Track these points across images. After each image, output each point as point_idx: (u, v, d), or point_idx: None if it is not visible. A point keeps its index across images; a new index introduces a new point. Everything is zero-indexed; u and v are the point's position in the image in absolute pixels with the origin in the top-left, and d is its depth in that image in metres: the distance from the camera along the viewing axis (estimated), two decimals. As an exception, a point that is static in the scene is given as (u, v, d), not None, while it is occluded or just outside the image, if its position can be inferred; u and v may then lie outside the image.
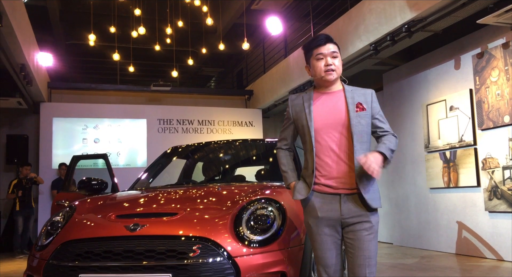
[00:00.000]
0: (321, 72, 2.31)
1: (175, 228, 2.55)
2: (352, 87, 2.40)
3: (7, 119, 9.90)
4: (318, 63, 2.31)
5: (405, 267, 5.55)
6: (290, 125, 2.46)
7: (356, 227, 2.23)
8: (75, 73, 14.32)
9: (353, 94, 2.34)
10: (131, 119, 10.25)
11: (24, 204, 8.37)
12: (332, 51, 2.31)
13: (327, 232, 2.26)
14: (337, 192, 2.25)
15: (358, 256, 2.20)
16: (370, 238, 2.22)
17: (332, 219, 2.25)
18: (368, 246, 2.20)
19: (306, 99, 2.38)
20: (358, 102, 2.31)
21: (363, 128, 2.28)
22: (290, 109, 2.44)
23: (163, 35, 12.22)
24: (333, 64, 2.30)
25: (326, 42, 2.32)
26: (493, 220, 5.89)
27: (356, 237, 2.22)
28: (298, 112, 2.39)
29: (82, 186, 4.08)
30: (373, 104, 2.36)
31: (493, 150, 5.90)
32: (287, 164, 2.48)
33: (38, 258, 2.71)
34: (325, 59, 2.30)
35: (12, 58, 7.07)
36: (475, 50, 6.22)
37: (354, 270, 2.21)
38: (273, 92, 10.25)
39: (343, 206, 2.23)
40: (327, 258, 2.26)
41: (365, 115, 2.31)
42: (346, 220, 2.24)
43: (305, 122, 2.33)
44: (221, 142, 4.67)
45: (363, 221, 2.23)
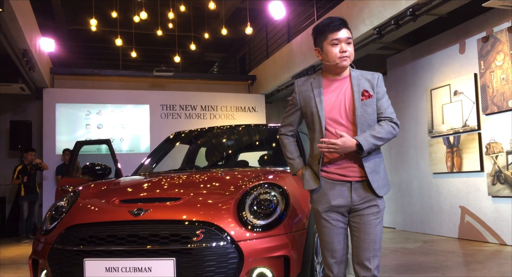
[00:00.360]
0: (335, 59, 2.23)
1: (178, 213, 2.56)
2: (358, 71, 2.34)
3: (11, 105, 9.91)
4: (332, 48, 2.23)
5: (407, 251, 5.58)
6: (296, 112, 2.39)
7: (364, 212, 2.23)
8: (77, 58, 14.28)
9: (359, 80, 2.29)
10: (134, 104, 10.25)
11: (29, 190, 8.43)
12: (347, 37, 2.24)
13: (337, 218, 2.25)
14: (348, 179, 2.24)
15: (364, 239, 2.21)
16: (376, 222, 2.23)
17: (342, 206, 2.24)
18: (374, 230, 2.21)
19: (315, 86, 2.31)
20: (364, 90, 2.26)
21: (370, 117, 2.25)
22: (297, 95, 2.36)
23: (165, 20, 12.13)
24: (347, 51, 2.23)
25: (343, 27, 2.24)
26: (496, 204, 5.89)
27: (363, 221, 2.22)
28: (306, 99, 2.32)
29: (86, 172, 4.10)
30: (378, 89, 2.30)
31: (497, 135, 5.88)
32: (293, 151, 2.42)
33: (43, 242, 2.74)
34: (340, 45, 2.23)
35: (14, 44, 7.05)
36: (480, 34, 6.16)
37: (359, 254, 2.21)
38: (276, 77, 10.21)
39: (354, 193, 2.23)
40: (335, 243, 2.26)
41: (371, 102, 2.26)
42: (355, 206, 2.24)
43: (315, 110, 2.27)
44: (224, 128, 4.67)
45: (371, 205, 2.23)
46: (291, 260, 2.48)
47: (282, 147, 2.47)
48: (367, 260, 2.19)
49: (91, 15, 10.85)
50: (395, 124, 2.28)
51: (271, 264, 2.46)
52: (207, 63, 17.26)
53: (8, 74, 8.45)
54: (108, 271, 2.44)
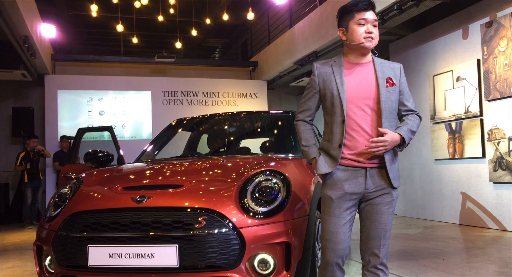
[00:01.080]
0: (360, 38, 2.18)
1: (181, 200, 2.58)
2: (381, 59, 2.32)
3: (12, 92, 9.92)
4: (359, 28, 2.18)
5: (408, 237, 5.62)
6: (315, 95, 2.31)
7: (377, 201, 2.21)
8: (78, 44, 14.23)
9: (382, 67, 2.26)
10: (135, 91, 10.25)
11: (32, 176, 8.47)
12: (374, 19, 2.21)
13: (348, 206, 2.21)
14: (363, 165, 2.19)
15: (374, 228, 2.20)
16: (389, 212, 2.21)
17: (356, 193, 2.20)
18: (386, 219, 2.20)
19: (337, 67, 2.25)
20: (388, 77, 2.23)
21: (392, 104, 2.22)
22: (316, 77, 2.28)
23: (166, 5, 12.04)
24: (373, 32, 2.19)
25: (370, 8, 2.20)
26: (497, 191, 5.91)
27: (375, 210, 2.20)
28: (326, 80, 2.25)
29: (88, 159, 4.11)
30: (402, 79, 2.29)
31: (499, 121, 5.87)
32: (309, 139, 2.34)
33: (47, 229, 2.77)
34: (367, 25, 2.19)
35: (15, 30, 7.02)
36: (483, 19, 6.11)
37: (368, 242, 2.21)
38: (278, 63, 10.16)
39: (369, 180, 2.19)
40: (340, 234, 2.20)
41: (394, 90, 2.23)
42: (369, 194, 2.21)
43: (336, 92, 2.20)
44: (226, 114, 4.67)
45: (384, 194, 2.21)
46: (293, 246, 2.50)
47: (298, 134, 2.39)
48: (376, 248, 2.19)
49: (92, 0, 10.78)
50: (420, 117, 2.30)
51: (272, 250, 2.48)
52: (208, 49, 17.17)
53: (10, 61, 8.44)
54: (112, 257, 2.47)
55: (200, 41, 15.81)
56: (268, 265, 2.48)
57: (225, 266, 2.40)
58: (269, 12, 11.57)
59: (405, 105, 2.28)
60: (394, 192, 2.23)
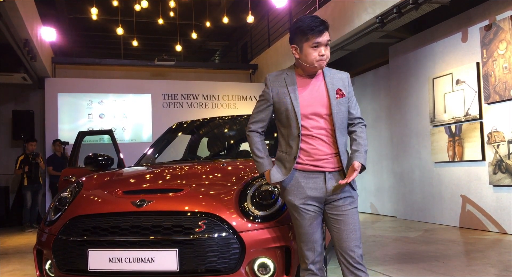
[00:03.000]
0: (313, 61, 2.24)
1: (181, 204, 2.59)
2: (329, 69, 2.37)
3: (13, 95, 9.93)
4: (313, 51, 2.23)
5: (408, 240, 5.62)
6: (269, 107, 2.35)
7: (340, 203, 2.24)
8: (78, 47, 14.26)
9: (332, 79, 2.33)
10: (135, 94, 10.26)
11: (31, 179, 8.46)
12: (327, 40, 2.25)
13: (314, 210, 2.25)
14: (322, 170, 2.25)
15: (345, 230, 2.22)
16: (354, 211, 2.26)
17: (318, 197, 2.24)
18: (353, 219, 2.24)
19: (289, 82, 2.30)
20: (338, 88, 2.30)
21: (343, 115, 2.29)
22: (270, 90, 2.33)
23: (166, 8, 12.08)
24: (325, 54, 2.24)
25: (325, 31, 2.24)
26: (497, 193, 5.91)
27: (341, 212, 2.24)
28: (280, 94, 2.30)
29: (88, 162, 4.12)
30: (349, 89, 2.35)
31: (498, 124, 5.88)
32: (263, 150, 2.37)
33: (47, 233, 2.77)
34: (320, 48, 2.23)
35: (15, 33, 7.04)
36: (483, 22, 6.12)
37: (342, 244, 2.22)
38: (278, 66, 10.18)
39: (328, 184, 2.24)
40: (315, 234, 2.27)
41: (344, 101, 2.30)
42: (330, 197, 2.25)
43: (291, 107, 2.26)
44: (225, 118, 4.68)
45: (346, 196, 2.25)
46: (292, 250, 2.51)
47: (250, 145, 2.39)
48: (351, 250, 2.21)
49: (92, 3, 10.81)
50: (365, 126, 2.40)
51: (272, 254, 2.49)
52: (208, 51, 17.21)
53: (10, 64, 8.45)
54: (112, 261, 2.47)
55: (200, 44, 15.85)
56: (268, 269, 2.49)
57: (225, 270, 2.41)
58: (269, 15, 11.60)
59: (351, 113, 2.35)
60: (354, 192, 2.29)
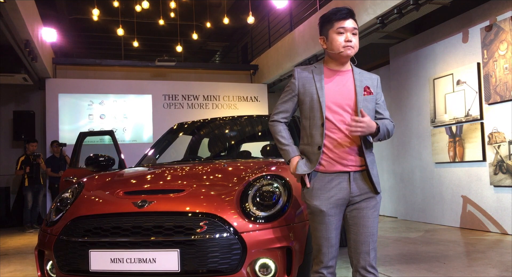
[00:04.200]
0: (339, 47, 2.20)
1: (182, 205, 2.59)
2: (359, 69, 2.34)
3: (13, 96, 9.94)
4: (338, 37, 2.20)
5: (409, 240, 5.61)
6: (294, 98, 2.31)
7: (362, 205, 2.21)
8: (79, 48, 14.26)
9: (361, 76, 2.29)
10: (136, 94, 10.26)
11: (32, 180, 8.47)
12: (353, 27, 2.22)
13: (335, 212, 2.20)
14: (346, 169, 2.20)
15: (361, 233, 2.19)
16: (374, 215, 2.22)
17: (341, 198, 2.19)
18: (372, 223, 2.20)
19: (317, 73, 2.28)
20: (366, 86, 2.26)
21: (369, 113, 2.24)
22: (297, 81, 2.30)
23: (166, 9, 12.08)
24: (352, 40, 2.21)
25: (350, 17, 2.22)
26: (498, 194, 5.91)
27: (361, 214, 2.20)
28: (306, 85, 2.27)
29: (89, 163, 4.12)
30: (378, 90, 2.33)
31: (499, 125, 5.88)
32: (288, 138, 2.31)
33: (48, 234, 2.77)
34: (346, 34, 2.20)
35: (16, 34, 7.05)
36: (483, 23, 6.12)
37: (357, 246, 2.20)
38: (279, 66, 10.18)
39: (353, 185, 2.19)
40: (333, 238, 2.21)
41: (371, 99, 2.27)
42: (354, 198, 2.20)
43: (316, 97, 2.23)
44: (226, 118, 4.68)
45: (369, 198, 2.21)
46: (294, 251, 2.51)
47: (274, 134, 2.33)
48: (365, 253, 2.19)
49: (93, 4, 10.82)
50: (394, 126, 2.35)
51: (273, 255, 2.48)
52: (209, 52, 17.21)
53: (11, 65, 8.46)
54: (113, 262, 2.47)
55: (201, 45, 15.85)
56: (269, 269, 2.49)
57: (226, 270, 2.41)
58: (270, 15, 11.60)
59: (381, 113, 2.32)
60: (378, 196, 2.25)
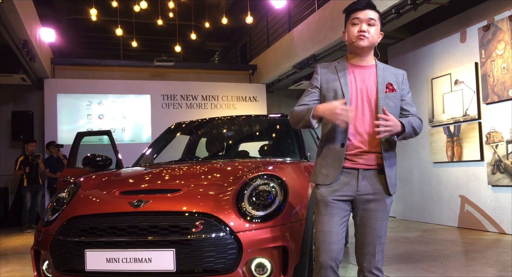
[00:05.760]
0: (352, 37, 2.18)
1: (178, 204, 2.59)
2: (384, 64, 2.30)
3: (12, 96, 9.93)
4: (352, 28, 2.19)
5: (407, 240, 5.61)
6: (315, 93, 2.26)
7: (371, 206, 2.17)
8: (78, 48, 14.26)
9: (384, 73, 2.25)
10: (135, 94, 10.26)
11: (31, 180, 8.46)
12: (370, 18, 2.18)
13: (341, 207, 2.16)
14: (356, 166, 2.16)
15: (369, 234, 2.17)
16: (383, 217, 2.18)
17: (348, 195, 2.16)
18: (380, 225, 2.17)
19: (340, 69, 2.24)
20: (389, 83, 2.22)
21: (390, 110, 2.15)
22: (320, 75, 2.26)
23: (165, 9, 12.08)
24: (368, 31, 2.17)
25: (366, 8, 2.19)
26: (496, 194, 5.91)
27: (369, 216, 2.17)
28: (329, 79, 2.23)
29: (86, 163, 4.12)
30: (403, 86, 2.27)
31: (497, 124, 5.88)
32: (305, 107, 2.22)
33: (44, 233, 2.77)
34: (360, 24, 2.17)
35: (14, 34, 7.04)
36: (481, 23, 6.12)
37: (364, 248, 2.18)
38: (277, 66, 10.18)
39: (361, 183, 2.15)
40: (333, 233, 2.14)
41: (394, 96, 2.21)
42: (361, 197, 2.16)
43: (340, 92, 2.18)
44: (224, 118, 4.68)
45: (378, 200, 2.17)
46: (290, 250, 2.50)
47: (295, 115, 2.24)
48: (372, 254, 2.16)
49: (91, 4, 10.81)
50: (422, 122, 2.28)
51: (269, 254, 2.48)
52: (208, 52, 17.21)
53: (9, 65, 8.45)
54: (109, 262, 2.47)
55: (199, 45, 15.85)
56: (265, 269, 2.49)
57: (222, 270, 2.41)
58: (268, 15, 11.60)
59: (407, 110, 2.26)
60: (389, 198, 2.19)
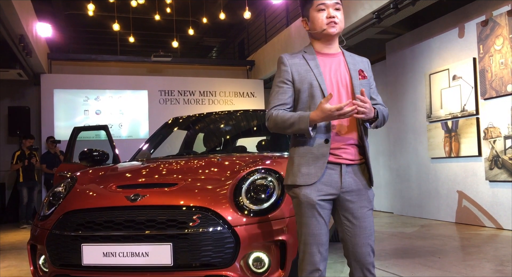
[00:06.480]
0: (322, 25, 2.02)
1: (175, 198, 2.58)
2: (349, 52, 2.16)
3: (8, 91, 9.89)
4: (319, 14, 2.03)
5: (404, 235, 5.62)
6: (290, 87, 2.06)
7: (356, 204, 2.02)
8: (75, 44, 14.19)
9: (353, 59, 2.12)
10: (132, 90, 10.23)
11: (27, 176, 8.43)
12: (335, 2, 2.04)
13: (327, 207, 2.01)
14: (339, 161, 2.00)
15: (359, 234, 2.00)
16: (369, 213, 2.04)
17: (331, 193, 2.00)
18: (369, 223, 2.02)
19: (310, 58, 2.06)
20: (360, 69, 2.09)
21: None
22: (289, 67, 2.06)
23: (162, 4, 12.02)
24: (336, 17, 2.03)
25: None
26: (493, 189, 5.92)
27: (357, 214, 2.01)
28: (300, 71, 2.04)
29: (83, 158, 4.09)
30: (370, 73, 2.15)
31: (495, 120, 5.88)
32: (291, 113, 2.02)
33: (41, 228, 2.76)
34: (328, 10, 2.02)
35: (10, 29, 7.00)
36: (479, 18, 6.11)
37: (356, 250, 2.00)
38: (275, 62, 10.11)
39: (345, 178, 2.00)
40: (322, 234, 2.00)
41: (366, 83, 2.09)
42: (345, 195, 2.01)
43: (316, 83, 2.00)
44: (222, 113, 4.67)
45: (362, 195, 2.03)
46: (287, 244, 2.49)
47: (276, 121, 2.02)
48: (366, 256, 2.01)
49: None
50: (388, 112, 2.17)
51: (267, 248, 2.48)
52: (205, 48, 17.15)
53: (5, 60, 8.41)
54: (106, 256, 2.46)
55: (197, 40, 15.79)
56: (263, 263, 2.48)
57: (219, 264, 2.40)
58: (266, 11, 11.57)
59: (374, 99, 2.14)
60: (370, 191, 2.07)
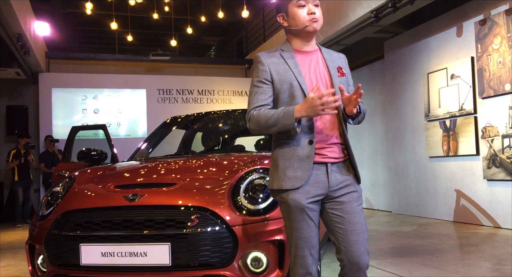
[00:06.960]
0: (305, 21, 1.96)
1: (173, 198, 2.58)
2: (325, 48, 2.11)
3: (6, 90, 9.87)
4: (299, 10, 1.97)
5: (402, 234, 5.63)
6: (269, 87, 1.99)
7: (345, 199, 1.94)
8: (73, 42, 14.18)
9: (331, 56, 2.07)
10: (130, 89, 10.22)
11: (22, 175, 8.41)
12: None
13: (313, 209, 1.93)
14: (324, 160, 1.93)
15: (352, 232, 1.90)
16: (360, 209, 1.96)
17: (320, 194, 1.93)
18: (360, 218, 1.93)
19: (288, 57, 2.00)
20: (339, 67, 2.04)
21: None
22: (267, 66, 1.99)
23: (161, 3, 12.01)
24: (316, 12, 1.98)
25: None
26: (491, 188, 5.93)
27: (346, 210, 1.92)
28: (279, 70, 1.97)
29: (81, 157, 4.09)
30: (347, 70, 2.10)
31: (493, 119, 5.89)
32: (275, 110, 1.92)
33: (39, 228, 2.75)
34: (308, 6, 1.98)
35: (8, 28, 6.98)
36: (477, 17, 6.12)
37: (349, 249, 1.89)
38: (273, 61, 10.14)
39: (331, 177, 1.93)
40: (313, 237, 1.93)
41: (345, 81, 2.04)
42: (332, 193, 1.94)
43: (296, 83, 1.94)
44: (220, 112, 4.66)
45: (350, 191, 1.96)
46: (286, 244, 2.50)
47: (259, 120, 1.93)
48: (360, 255, 1.89)
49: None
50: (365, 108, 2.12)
51: (265, 248, 2.48)
52: (204, 47, 17.14)
53: (3, 59, 8.39)
54: (104, 256, 2.46)
55: (195, 39, 15.78)
56: (261, 263, 2.48)
57: (218, 264, 2.40)
58: (264, 9, 11.56)
59: None
60: (358, 188, 2.00)
